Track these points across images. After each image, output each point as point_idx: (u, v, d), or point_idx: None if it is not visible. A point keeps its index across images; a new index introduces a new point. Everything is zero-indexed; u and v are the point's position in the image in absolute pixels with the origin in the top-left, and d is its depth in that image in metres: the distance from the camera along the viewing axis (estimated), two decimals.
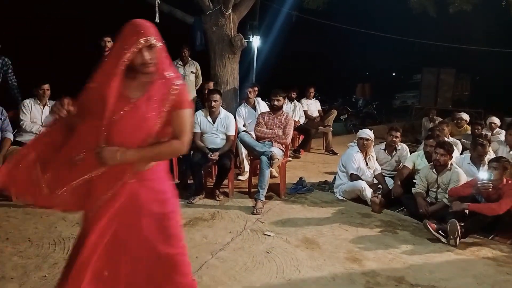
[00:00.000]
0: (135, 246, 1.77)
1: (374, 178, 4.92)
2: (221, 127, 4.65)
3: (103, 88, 1.66)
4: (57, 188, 1.72)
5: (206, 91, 5.24)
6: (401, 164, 5.11)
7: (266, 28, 12.01)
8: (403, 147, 5.22)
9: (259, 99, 5.85)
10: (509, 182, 3.80)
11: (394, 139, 5.09)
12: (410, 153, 5.14)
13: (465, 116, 7.74)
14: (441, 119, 8.02)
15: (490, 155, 4.78)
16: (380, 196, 4.45)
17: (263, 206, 4.24)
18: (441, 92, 12.56)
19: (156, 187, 1.83)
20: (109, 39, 5.34)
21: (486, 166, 4.21)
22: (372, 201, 4.40)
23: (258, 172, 4.59)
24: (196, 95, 6.26)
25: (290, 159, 6.74)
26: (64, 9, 10.17)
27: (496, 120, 7.07)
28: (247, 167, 5.35)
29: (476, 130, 6.64)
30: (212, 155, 4.42)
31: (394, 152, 5.17)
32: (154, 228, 1.80)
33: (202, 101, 5.37)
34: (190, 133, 1.84)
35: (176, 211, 1.95)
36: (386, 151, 5.20)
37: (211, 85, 5.29)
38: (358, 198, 4.66)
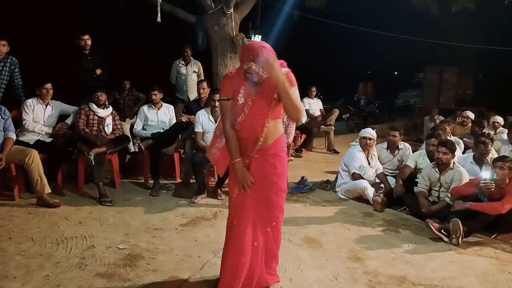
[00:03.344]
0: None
1: (376, 177, 4.92)
2: None
3: (236, 90, 2.35)
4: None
5: (201, 90, 5.23)
6: (403, 163, 5.12)
7: (268, 27, 11.98)
8: (405, 147, 5.22)
9: None
10: None
11: (391, 138, 5.11)
12: (412, 152, 5.14)
13: (471, 115, 7.71)
14: (443, 118, 8.01)
15: (493, 154, 4.77)
16: (381, 195, 4.45)
17: None
18: (444, 91, 12.49)
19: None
20: (87, 37, 5.31)
21: (489, 165, 4.20)
22: (374, 201, 4.39)
23: None
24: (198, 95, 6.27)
25: (292, 158, 6.75)
26: (66, 8, 10.17)
27: (499, 119, 7.06)
28: None
29: (475, 129, 6.63)
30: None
31: (397, 151, 5.17)
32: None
33: (198, 101, 5.35)
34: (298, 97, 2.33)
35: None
36: (389, 150, 5.20)
37: (204, 85, 5.28)
38: (360, 197, 4.66)
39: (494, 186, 3.68)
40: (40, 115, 4.61)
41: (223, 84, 2.46)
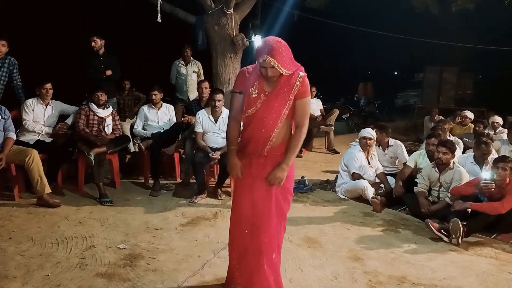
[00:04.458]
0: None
1: (376, 177, 4.93)
2: (223, 126, 4.65)
3: (250, 84, 2.35)
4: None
5: (203, 90, 5.25)
6: (397, 160, 5.23)
7: (268, 27, 12.00)
8: (396, 144, 5.30)
9: None
10: None
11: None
12: (412, 152, 5.16)
13: (469, 114, 7.72)
14: (442, 118, 8.01)
15: (493, 154, 4.77)
16: (379, 197, 4.44)
17: None
18: (444, 91, 12.50)
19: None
20: (95, 38, 5.34)
21: (489, 166, 4.20)
22: (372, 202, 4.40)
23: None
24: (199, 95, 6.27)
25: None
26: (67, 8, 10.18)
27: (498, 119, 7.06)
28: None
29: (477, 128, 6.64)
30: (214, 154, 4.43)
31: (387, 147, 5.25)
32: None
33: (198, 101, 5.36)
34: (308, 117, 2.42)
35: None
36: (380, 147, 5.28)
37: (206, 84, 5.29)
38: (360, 197, 4.67)
39: (494, 186, 3.68)
40: (40, 115, 4.61)
41: (238, 78, 2.46)
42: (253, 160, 2.42)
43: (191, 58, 6.62)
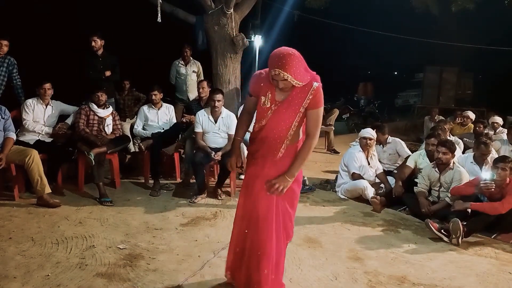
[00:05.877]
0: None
1: (376, 177, 4.93)
2: (223, 126, 4.65)
3: (262, 92, 2.33)
4: None
5: (201, 90, 5.25)
6: (397, 157, 5.32)
7: (268, 27, 12.01)
8: (395, 141, 5.39)
9: None
10: None
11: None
12: (412, 152, 5.17)
13: (471, 115, 7.73)
14: (442, 118, 8.01)
15: (493, 154, 4.78)
16: (379, 197, 4.44)
17: None
18: (444, 91, 12.50)
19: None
20: (95, 38, 5.35)
21: (489, 166, 4.21)
22: (372, 202, 4.40)
23: None
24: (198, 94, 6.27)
25: None
26: (67, 8, 10.18)
27: (498, 120, 7.07)
28: None
29: (477, 128, 6.64)
30: (215, 155, 4.43)
31: (386, 144, 5.35)
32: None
33: (199, 101, 5.37)
34: (320, 128, 2.38)
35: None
36: (381, 145, 5.37)
37: (204, 84, 5.30)
38: (360, 197, 4.67)
39: (494, 187, 3.68)
40: (40, 115, 4.61)
41: (252, 81, 2.43)
42: (264, 163, 2.39)
43: (191, 58, 6.62)
